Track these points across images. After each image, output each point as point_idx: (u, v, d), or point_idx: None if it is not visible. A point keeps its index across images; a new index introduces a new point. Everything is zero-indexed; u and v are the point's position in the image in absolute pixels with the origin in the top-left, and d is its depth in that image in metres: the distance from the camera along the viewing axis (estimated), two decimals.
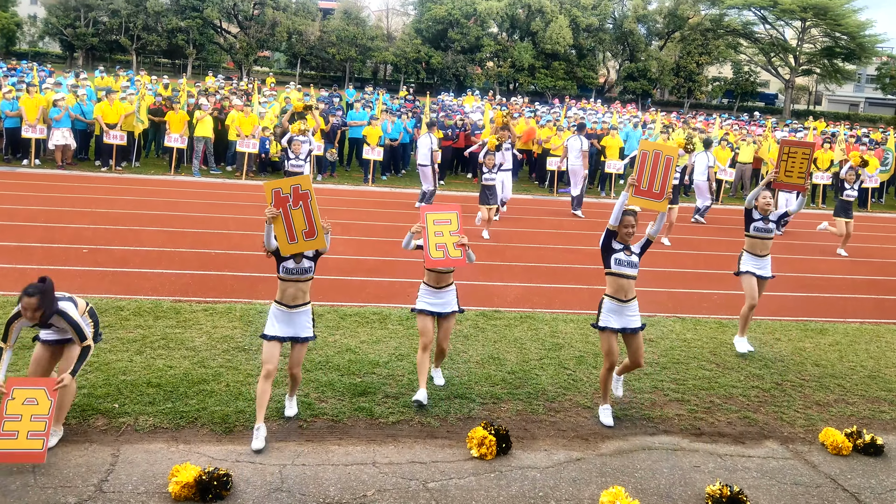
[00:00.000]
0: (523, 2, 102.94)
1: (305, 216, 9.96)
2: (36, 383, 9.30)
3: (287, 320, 10.35)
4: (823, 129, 46.84)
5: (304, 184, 10.05)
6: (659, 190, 11.16)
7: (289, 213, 9.94)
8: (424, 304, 11.65)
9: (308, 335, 10.47)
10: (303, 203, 9.95)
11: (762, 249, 14.59)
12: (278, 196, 9.92)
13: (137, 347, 12.25)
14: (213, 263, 17.85)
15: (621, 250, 11.20)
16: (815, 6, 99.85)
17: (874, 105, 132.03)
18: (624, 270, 11.19)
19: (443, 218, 11.62)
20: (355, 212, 24.61)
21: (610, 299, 11.30)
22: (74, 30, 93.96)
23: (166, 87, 38.63)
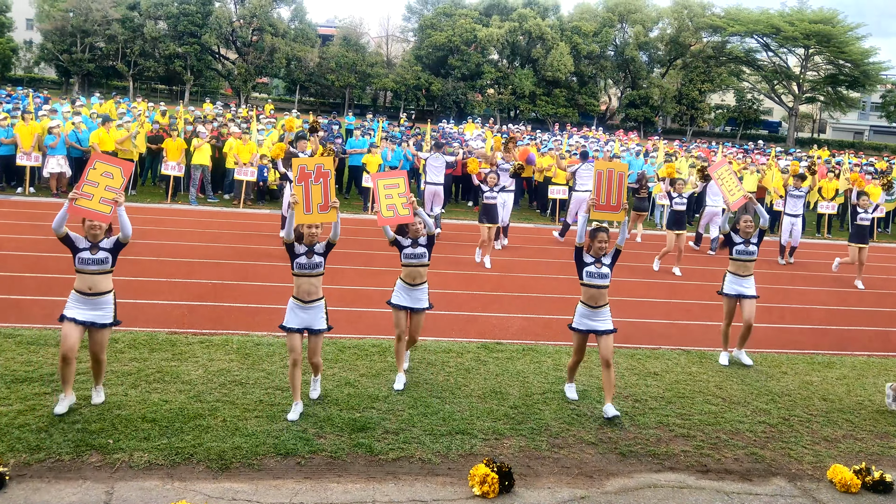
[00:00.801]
0: (524, 28, 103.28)
1: (323, 192, 11.48)
2: (114, 161, 11.62)
3: (302, 313, 11.59)
4: (827, 158, 46.65)
5: (326, 164, 11.63)
6: (616, 203, 12.78)
7: (309, 187, 11.42)
8: (399, 299, 13.17)
9: (321, 327, 11.72)
10: (323, 180, 11.49)
11: (744, 270, 15.52)
12: (303, 171, 11.43)
13: (132, 381, 12.06)
14: (210, 294, 17.69)
15: (592, 263, 12.42)
16: (818, 34, 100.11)
17: (879, 133, 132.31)
18: (595, 281, 12.45)
19: (391, 182, 12.76)
20: (354, 241, 24.44)
21: (583, 305, 12.59)
22: (71, 55, 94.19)
23: (164, 114, 38.51)
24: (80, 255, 10.97)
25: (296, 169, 11.51)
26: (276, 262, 20.61)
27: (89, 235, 10.99)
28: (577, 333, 12.66)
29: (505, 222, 25.51)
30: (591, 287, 12.50)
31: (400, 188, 12.71)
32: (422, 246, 13.10)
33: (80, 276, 11.09)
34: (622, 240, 12.55)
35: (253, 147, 29.67)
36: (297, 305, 11.61)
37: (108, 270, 11.14)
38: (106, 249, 11.03)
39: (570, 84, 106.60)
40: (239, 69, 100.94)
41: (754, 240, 15.49)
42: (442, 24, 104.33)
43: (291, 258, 11.54)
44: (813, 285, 23.60)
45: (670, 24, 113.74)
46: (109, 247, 11.06)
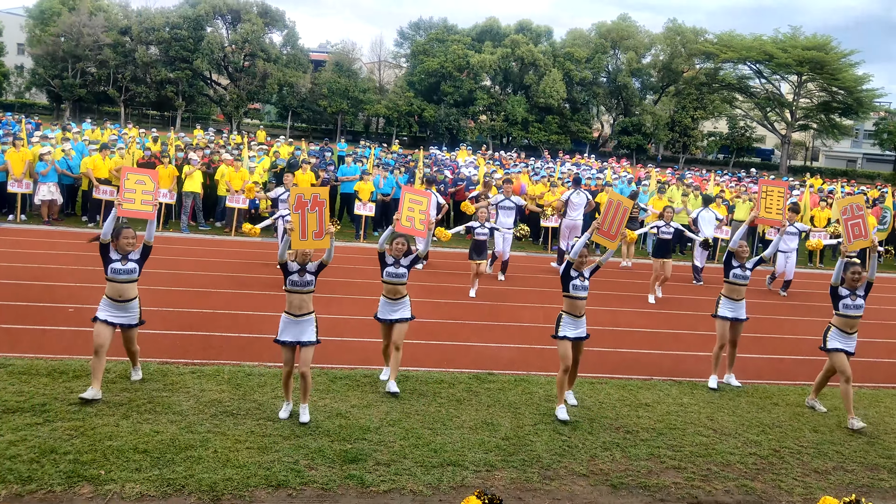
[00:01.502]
0: (516, 55, 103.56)
1: (318, 220, 12.20)
2: (142, 171, 14.10)
3: (294, 326, 12.38)
4: (820, 187, 46.67)
5: (322, 193, 12.31)
6: (615, 232, 13.84)
7: (305, 215, 12.10)
8: (384, 313, 14.42)
9: (311, 339, 12.42)
10: (318, 209, 12.18)
11: (738, 294, 16.00)
12: (300, 200, 12.09)
13: (124, 411, 12.00)
14: (201, 323, 17.64)
15: (577, 277, 13.66)
16: (810, 60, 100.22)
17: (872, 161, 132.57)
18: (579, 293, 13.68)
19: (417, 199, 14.33)
20: (346, 269, 24.45)
21: (567, 315, 13.74)
22: (62, 81, 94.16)
23: (155, 140, 38.50)
24: (112, 266, 12.69)
25: (293, 198, 12.15)
26: (268, 290, 20.61)
27: (121, 249, 12.70)
28: (562, 342, 13.65)
29: (505, 257, 25.51)
30: (575, 298, 13.74)
31: (423, 206, 14.21)
32: (403, 266, 14.29)
33: (111, 285, 12.80)
34: (605, 259, 13.96)
35: (245, 174, 29.67)
36: (289, 319, 12.41)
37: (135, 279, 12.97)
38: (134, 260, 12.88)
39: (562, 111, 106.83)
40: (231, 95, 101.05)
41: (749, 265, 15.95)
42: (434, 50, 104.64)
43: (285, 275, 12.44)
44: (805, 315, 23.62)
45: (663, 51, 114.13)
46: (137, 257, 12.93)
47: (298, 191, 12.28)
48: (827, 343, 14.59)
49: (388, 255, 14.28)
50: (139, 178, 13.40)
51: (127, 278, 12.81)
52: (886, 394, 16.38)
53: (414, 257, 14.42)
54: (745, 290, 16.01)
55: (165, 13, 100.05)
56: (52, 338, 15.47)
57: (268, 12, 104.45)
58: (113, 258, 12.68)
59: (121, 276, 12.75)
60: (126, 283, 12.85)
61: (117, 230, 12.69)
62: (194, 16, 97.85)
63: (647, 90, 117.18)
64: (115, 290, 12.79)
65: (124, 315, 12.89)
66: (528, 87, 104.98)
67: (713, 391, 15.53)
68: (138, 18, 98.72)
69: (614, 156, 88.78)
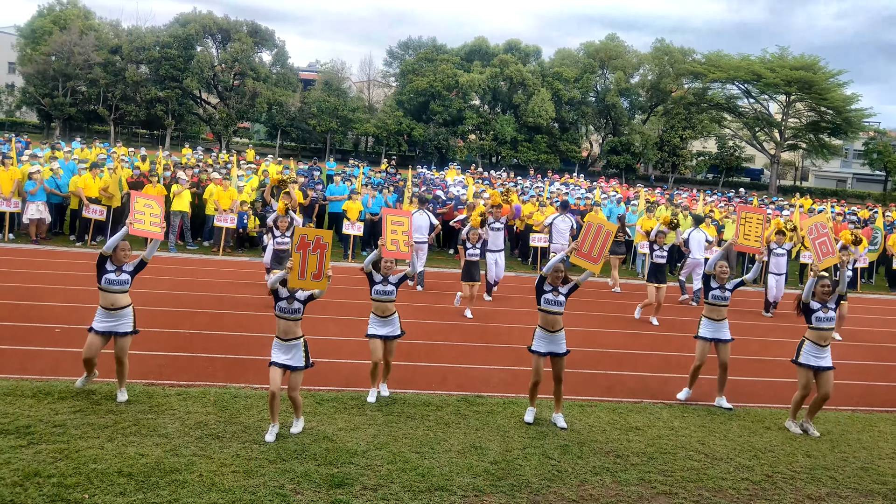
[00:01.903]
0: (505, 74, 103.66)
1: (319, 262, 12.45)
2: (149, 196, 15.18)
3: (284, 350, 12.59)
4: (810, 207, 46.65)
5: (326, 236, 12.61)
6: (596, 255, 14.21)
7: (307, 255, 12.37)
8: (374, 329, 14.81)
9: (298, 364, 12.63)
10: (320, 251, 12.45)
11: (718, 315, 16.14)
12: (303, 240, 12.40)
13: (109, 434, 11.87)
14: (188, 344, 17.53)
15: (550, 291, 13.99)
16: (799, 80, 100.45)
17: (862, 181, 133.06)
18: (551, 307, 13.99)
19: (398, 220, 15.08)
20: (333, 289, 24.30)
21: (540, 329, 14.13)
22: (52, 99, 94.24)
23: (144, 159, 38.39)
24: (106, 277, 13.37)
25: (297, 237, 12.53)
26: (255, 311, 20.52)
27: (117, 260, 13.46)
28: (534, 355, 14.12)
29: (499, 278, 25.49)
30: (547, 313, 14.04)
31: (404, 227, 14.97)
32: (391, 284, 14.80)
33: (104, 295, 13.40)
34: (583, 279, 14.27)
35: (233, 193, 29.60)
36: (278, 343, 12.63)
37: (127, 290, 13.61)
38: (127, 272, 13.59)
39: (551, 130, 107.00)
40: (220, 114, 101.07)
41: (729, 286, 16.22)
42: (423, 70, 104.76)
43: (275, 300, 12.65)
44: (795, 338, 23.42)
45: (651, 71, 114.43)
46: (131, 269, 13.65)
47: (303, 231, 12.67)
48: (799, 357, 14.78)
49: (375, 273, 14.69)
50: (147, 202, 14.45)
51: (120, 288, 13.44)
52: (881, 418, 16.28)
53: (402, 275, 14.78)
54: (725, 311, 16.15)
55: (156, 32, 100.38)
56: (37, 358, 15.35)
57: (257, 31, 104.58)
58: (108, 269, 13.39)
59: (114, 287, 13.38)
60: (119, 293, 13.45)
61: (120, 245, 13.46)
62: (184, 35, 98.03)
63: (636, 110, 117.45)
64: (108, 300, 13.38)
65: (118, 322, 13.45)
66: (516, 106, 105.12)
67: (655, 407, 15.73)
68: (129, 38, 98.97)
69: (603, 175, 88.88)
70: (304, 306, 12.73)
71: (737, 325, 23.18)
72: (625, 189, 57.22)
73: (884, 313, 28.82)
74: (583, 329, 22.00)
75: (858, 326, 25.67)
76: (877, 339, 24.13)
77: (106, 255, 13.42)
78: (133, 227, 13.93)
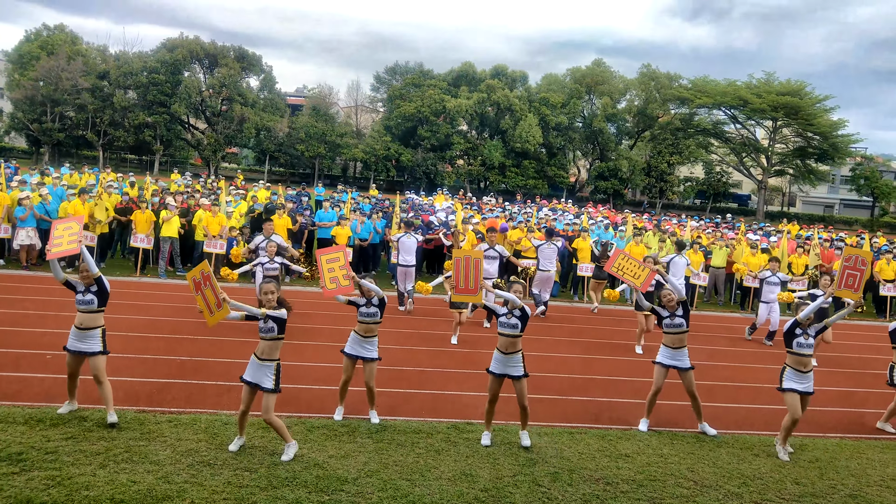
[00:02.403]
0: (492, 100, 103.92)
1: (213, 293, 12.66)
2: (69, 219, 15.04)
3: (256, 369, 12.85)
4: (798, 233, 46.72)
5: (204, 269, 12.90)
6: (473, 286, 14.50)
7: (204, 293, 12.78)
8: (351, 349, 15.03)
9: (267, 386, 12.76)
10: (209, 283, 12.69)
11: (677, 343, 16.08)
12: (195, 282, 12.86)
13: (101, 461, 11.90)
14: (179, 371, 17.52)
15: (504, 314, 14.37)
16: (785, 106, 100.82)
17: (849, 207, 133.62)
18: (504, 330, 14.29)
19: (332, 257, 14.75)
20: (323, 315, 24.40)
21: (497, 351, 14.37)
22: (41, 125, 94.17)
23: (132, 185, 38.37)
24: (76, 297, 13.90)
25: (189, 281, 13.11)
26: (245, 337, 20.50)
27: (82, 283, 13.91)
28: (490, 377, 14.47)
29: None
30: (501, 335, 14.39)
31: (340, 262, 14.72)
32: (374, 306, 15.03)
33: (77, 315, 13.88)
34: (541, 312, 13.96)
35: (222, 219, 29.63)
36: (254, 361, 12.97)
37: (95, 310, 13.91)
38: (92, 292, 13.89)
39: (539, 155, 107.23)
40: (208, 139, 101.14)
41: (679, 312, 16.11)
42: (411, 95, 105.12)
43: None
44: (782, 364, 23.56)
45: (638, 96, 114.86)
46: (95, 290, 13.92)
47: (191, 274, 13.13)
48: (783, 383, 14.86)
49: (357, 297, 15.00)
50: (66, 224, 14.55)
51: (86, 308, 13.87)
52: (868, 445, 16.30)
53: (381, 298, 15.08)
54: (685, 338, 16.17)
55: (143, 58, 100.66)
56: (29, 385, 15.36)
57: (245, 57, 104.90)
58: (77, 290, 13.96)
59: (81, 307, 13.88)
60: (86, 313, 13.89)
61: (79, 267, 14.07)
62: (172, 60, 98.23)
63: (623, 135, 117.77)
64: (78, 319, 13.86)
65: (85, 343, 13.82)
66: (504, 131, 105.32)
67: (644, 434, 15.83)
68: (116, 63, 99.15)
69: (591, 200, 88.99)
70: (278, 326, 12.93)
71: (725, 351, 23.27)
72: (613, 214, 57.31)
73: (871, 340, 28.85)
74: (571, 355, 22.02)
75: (846, 353, 25.73)
76: (864, 366, 24.15)
77: (62, 282, 13.99)
78: (50, 253, 14.07)
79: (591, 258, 31.29)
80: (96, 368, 13.72)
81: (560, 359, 21.18)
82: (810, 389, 14.77)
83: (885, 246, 38.92)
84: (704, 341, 25.36)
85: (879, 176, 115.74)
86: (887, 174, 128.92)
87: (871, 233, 62.10)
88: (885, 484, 13.90)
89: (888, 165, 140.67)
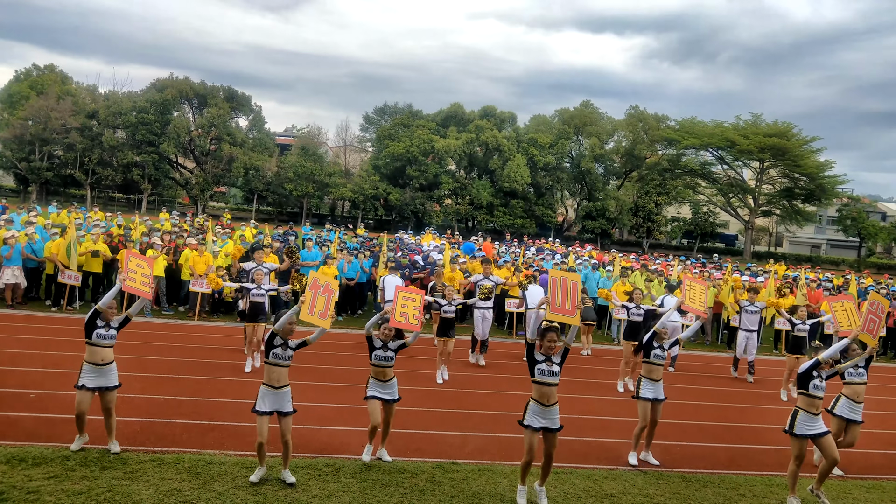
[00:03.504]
0: (480, 140, 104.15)
1: (326, 304, 13.94)
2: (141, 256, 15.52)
3: (275, 397, 13.48)
4: (785, 274, 46.78)
5: (333, 284, 14.41)
6: (570, 308, 14.33)
7: (316, 296, 13.79)
8: (373, 392, 15.22)
9: (290, 409, 13.62)
10: (328, 295, 14.01)
11: (657, 375, 16.58)
12: (315, 282, 13.90)
13: (83, 500, 11.87)
14: (163, 410, 17.44)
15: (543, 361, 13.62)
16: (772, 147, 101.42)
17: (836, 247, 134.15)
18: (546, 379, 13.55)
19: (410, 296, 15.64)
20: (308, 354, 24.31)
21: (535, 403, 13.61)
22: (29, 163, 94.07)
23: (120, 226, 38.35)
24: (97, 332, 14.11)
25: (310, 279, 13.99)
26: (230, 376, 20.47)
27: (105, 317, 14.23)
28: (527, 431, 13.49)
29: (485, 336, 25.56)
30: (541, 385, 13.57)
31: (416, 303, 15.53)
32: (391, 350, 15.29)
33: (94, 350, 14.11)
34: (571, 339, 13.94)
35: (209, 259, 29.62)
36: (267, 391, 13.47)
37: (113, 345, 14.39)
38: (115, 328, 14.37)
39: (527, 195, 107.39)
40: (197, 178, 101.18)
41: (667, 345, 16.71)
42: (399, 135, 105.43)
43: (268, 348, 13.64)
44: (771, 404, 23.57)
45: (625, 137, 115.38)
46: (117, 325, 14.42)
47: (315, 275, 14.17)
48: (794, 428, 14.58)
49: (375, 339, 15.17)
50: (139, 262, 15.02)
51: (108, 343, 14.25)
52: (854, 485, 16.32)
53: (402, 343, 15.32)
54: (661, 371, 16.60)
55: (132, 97, 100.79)
56: (12, 424, 15.29)
57: (234, 97, 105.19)
58: (98, 324, 14.16)
59: (104, 341, 14.17)
60: (108, 348, 14.27)
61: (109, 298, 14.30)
62: (161, 100, 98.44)
63: (611, 175, 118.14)
64: (98, 355, 14.12)
65: (105, 378, 14.21)
66: (492, 171, 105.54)
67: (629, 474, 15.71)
68: (105, 102, 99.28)
69: (578, 240, 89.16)
70: (294, 352, 13.80)
71: (710, 391, 23.29)
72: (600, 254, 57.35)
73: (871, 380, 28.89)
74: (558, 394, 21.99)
75: (829, 392, 25.73)
76: None
77: (99, 310, 14.12)
78: (126, 284, 14.60)
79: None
80: (112, 401, 14.31)
81: None
82: (824, 429, 14.60)
83: (871, 286, 38.99)
84: (690, 381, 25.38)
85: (866, 217, 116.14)
86: (874, 215, 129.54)
87: (858, 273, 62.23)
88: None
89: (875, 206, 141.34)
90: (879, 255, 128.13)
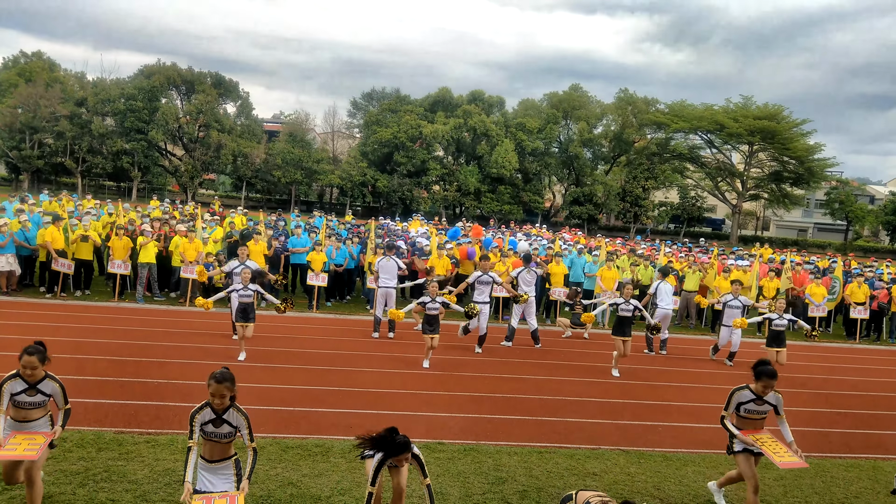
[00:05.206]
0: (468, 125, 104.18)
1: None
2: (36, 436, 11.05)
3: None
4: (770, 257, 46.93)
5: None
6: None
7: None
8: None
9: None
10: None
11: None
12: None
13: (80, 480, 12.18)
14: (156, 393, 17.71)
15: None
16: (762, 130, 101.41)
17: (823, 230, 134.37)
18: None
19: None
20: (299, 339, 24.59)
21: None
22: (20, 152, 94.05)
23: (110, 214, 38.50)
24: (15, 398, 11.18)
25: None
26: (221, 361, 20.65)
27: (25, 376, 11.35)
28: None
29: (483, 331, 25.63)
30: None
31: None
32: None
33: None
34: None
35: (199, 245, 29.81)
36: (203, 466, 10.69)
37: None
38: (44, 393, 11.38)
39: (514, 181, 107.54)
40: (186, 165, 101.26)
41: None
42: (387, 121, 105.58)
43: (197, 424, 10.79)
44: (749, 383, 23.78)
45: (614, 121, 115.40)
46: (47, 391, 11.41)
47: None
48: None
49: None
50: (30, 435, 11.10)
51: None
52: (833, 464, 16.50)
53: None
54: None
55: (121, 84, 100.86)
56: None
57: (221, 83, 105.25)
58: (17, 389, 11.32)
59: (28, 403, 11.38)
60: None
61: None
62: (149, 87, 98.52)
63: (599, 160, 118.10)
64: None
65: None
66: (480, 157, 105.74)
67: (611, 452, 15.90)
68: (94, 90, 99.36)
69: (566, 226, 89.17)
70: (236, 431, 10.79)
71: (692, 373, 23.54)
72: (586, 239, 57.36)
73: (838, 361, 29.13)
74: (542, 377, 22.23)
75: (812, 374, 25.99)
76: (830, 387, 24.38)
77: None
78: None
79: (563, 283, 31.58)
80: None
81: (532, 381, 21.45)
82: None
83: (857, 269, 39.20)
84: (674, 363, 25.64)
85: (854, 200, 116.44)
86: (862, 198, 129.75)
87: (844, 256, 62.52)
88: (848, 502, 14.16)
89: (863, 189, 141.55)
90: (866, 238, 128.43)
